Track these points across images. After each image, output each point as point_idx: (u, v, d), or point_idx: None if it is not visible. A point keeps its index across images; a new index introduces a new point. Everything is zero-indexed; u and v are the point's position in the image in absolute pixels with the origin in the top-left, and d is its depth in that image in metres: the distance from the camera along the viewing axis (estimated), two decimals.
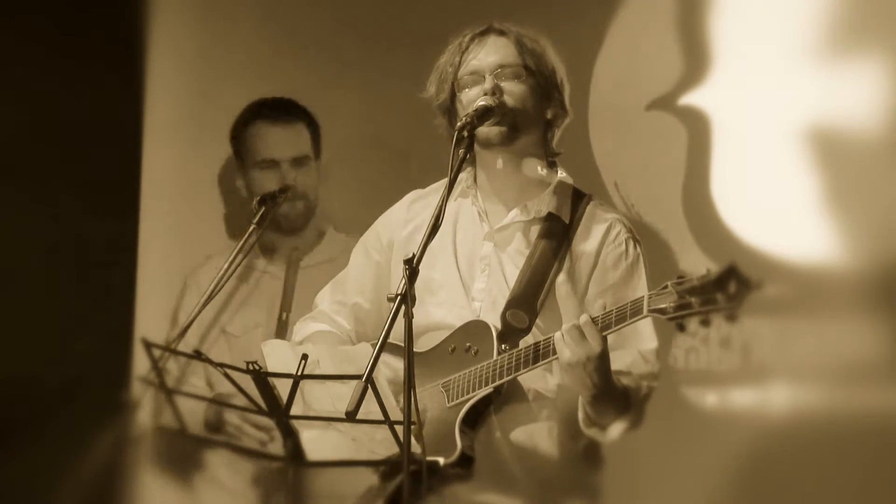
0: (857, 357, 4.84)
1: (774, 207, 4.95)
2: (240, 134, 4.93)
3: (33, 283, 5.05)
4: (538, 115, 3.91)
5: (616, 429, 3.78)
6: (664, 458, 4.93)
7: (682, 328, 3.53)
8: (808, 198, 4.95)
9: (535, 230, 3.90)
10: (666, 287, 3.54)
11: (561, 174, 3.96)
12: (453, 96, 3.93)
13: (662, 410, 4.92)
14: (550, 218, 3.90)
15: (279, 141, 4.87)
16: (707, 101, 5.10)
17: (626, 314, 3.61)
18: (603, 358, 3.62)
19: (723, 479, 4.96)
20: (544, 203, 3.91)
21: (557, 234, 3.88)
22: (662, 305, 3.53)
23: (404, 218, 4.03)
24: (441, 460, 3.71)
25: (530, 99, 3.88)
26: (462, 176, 3.96)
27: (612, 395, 3.71)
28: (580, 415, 3.78)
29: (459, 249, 3.93)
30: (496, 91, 3.84)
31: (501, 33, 3.92)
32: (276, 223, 4.81)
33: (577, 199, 3.94)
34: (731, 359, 5.06)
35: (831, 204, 4.95)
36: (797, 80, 4.97)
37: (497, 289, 3.87)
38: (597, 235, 3.89)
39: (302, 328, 4.09)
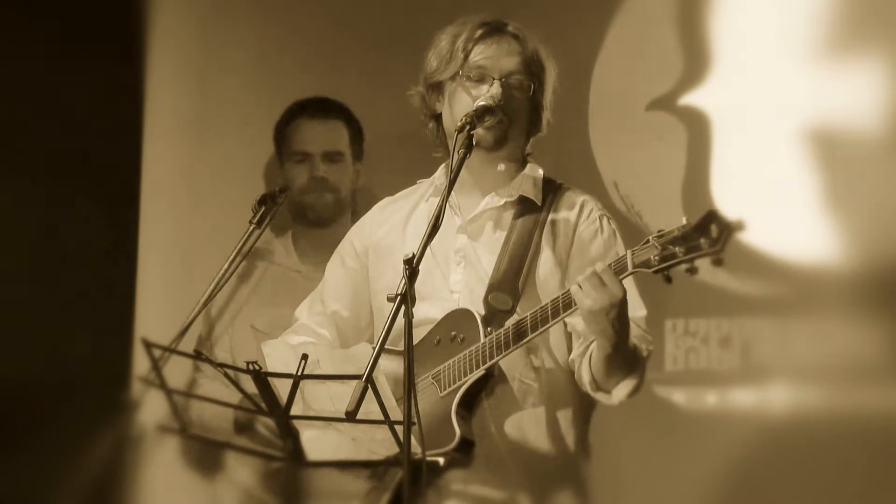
0: (856, 357, 4.84)
1: (774, 207, 4.95)
2: (281, 131, 4.97)
3: (33, 283, 5.05)
4: (527, 125, 3.94)
5: (622, 390, 3.78)
6: (664, 458, 4.94)
7: (668, 279, 3.54)
8: (807, 198, 4.96)
9: (508, 216, 3.92)
10: (647, 241, 3.56)
11: (532, 166, 3.98)
12: (452, 79, 3.93)
13: (662, 410, 4.94)
14: (522, 201, 3.92)
15: (313, 135, 4.91)
16: (707, 101, 5.10)
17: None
18: (624, 303, 3.63)
19: (722, 479, 4.96)
20: (515, 188, 3.93)
21: (531, 216, 3.90)
22: (646, 258, 3.55)
23: (377, 222, 4.06)
24: (441, 461, 3.71)
25: (525, 110, 3.91)
26: (436, 174, 3.97)
27: (627, 349, 3.71)
28: (586, 378, 3.78)
29: (435, 245, 3.92)
30: (503, 99, 3.85)
31: (516, 37, 3.93)
32: (303, 215, 4.87)
33: (548, 184, 3.97)
34: (731, 359, 5.06)
35: (831, 204, 4.95)
36: (797, 79, 4.98)
37: (475, 278, 3.88)
38: (570, 215, 3.91)
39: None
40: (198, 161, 5.28)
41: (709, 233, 3.47)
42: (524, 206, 3.92)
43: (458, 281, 3.91)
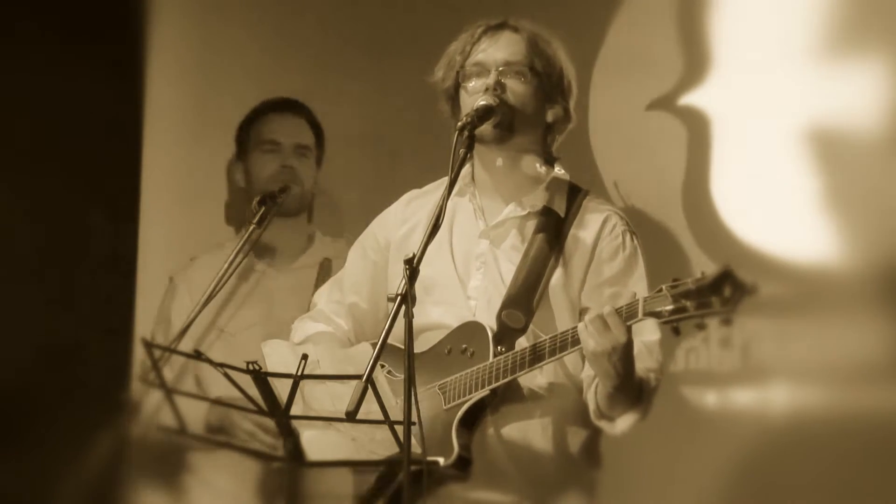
0: (857, 357, 4.83)
1: (774, 207, 4.95)
2: (246, 128, 4.97)
3: (33, 283, 5.05)
4: (537, 117, 3.91)
5: (625, 421, 3.77)
6: (664, 458, 4.93)
7: (676, 332, 3.53)
8: (808, 198, 4.95)
9: (531, 225, 3.90)
10: (661, 290, 3.53)
11: (558, 170, 3.96)
12: (457, 84, 3.92)
13: (662, 410, 4.92)
14: (546, 212, 3.90)
15: (284, 127, 4.95)
16: (707, 101, 5.10)
17: (621, 317, 3.60)
18: (628, 348, 3.61)
19: (722, 479, 4.96)
20: (539, 197, 3.91)
21: (553, 229, 3.88)
22: (657, 309, 3.53)
23: (401, 217, 4.03)
24: (441, 460, 3.70)
25: (531, 100, 3.87)
26: (461, 173, 3.95)
27: (631, 386, 3.70)
28: (591, 406, 3.78)
29: (456, 248, 3.93)
30: (498, 87, 3.83)
31: (515, 30, 3.92)
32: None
33: (573, 193, 3.94)
34: (731, 359, 5.05)
35: (831, 204, 4.94)
36: (797, 80, 4.97)
37: (493, 286, 3.87)
38: (593, 228, 3.89)
39: (301, 328, 4.09)
40: (198, 161, 5.28)
41: (722, 292, 3.44)
42: (547, 217, 3.89)
43: (476, 287, 3.89)
